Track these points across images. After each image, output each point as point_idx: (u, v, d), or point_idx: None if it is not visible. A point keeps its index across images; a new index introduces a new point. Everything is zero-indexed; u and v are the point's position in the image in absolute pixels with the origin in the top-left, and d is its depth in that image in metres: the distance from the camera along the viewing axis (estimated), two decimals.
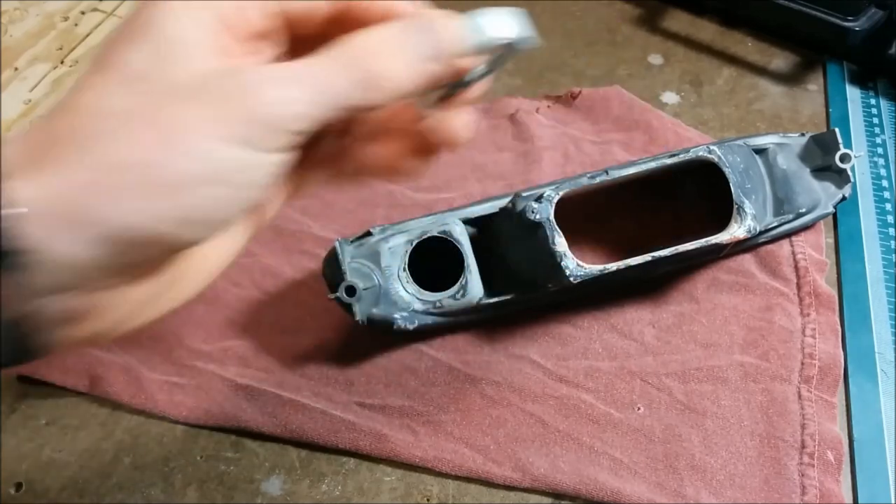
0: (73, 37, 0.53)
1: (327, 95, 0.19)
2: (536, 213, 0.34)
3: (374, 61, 0.20)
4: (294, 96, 0.18)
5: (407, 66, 0.20)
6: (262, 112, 0.18)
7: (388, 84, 0.20)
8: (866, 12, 0.46)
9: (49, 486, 0.35)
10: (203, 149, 0.18)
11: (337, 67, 0.19)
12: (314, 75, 0.19)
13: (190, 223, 0.18)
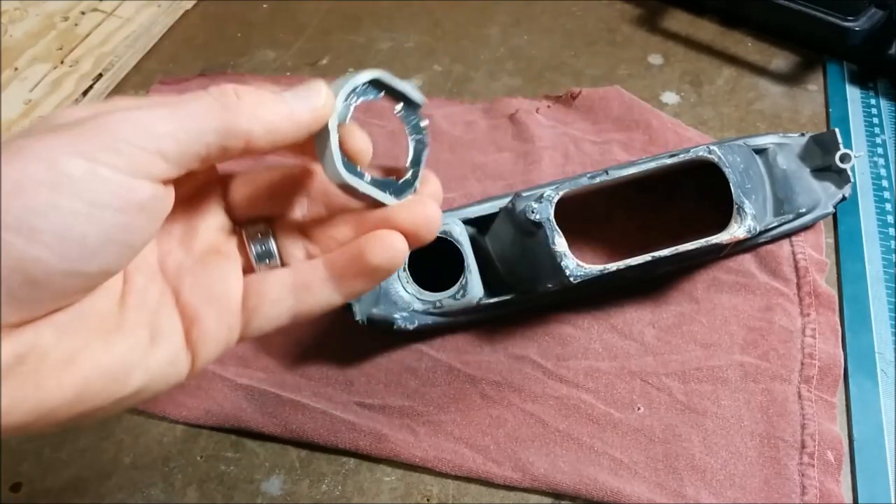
0: (73, 37, 0.53)
1: (185, 115, 0.19)
2: (536, 213, 0.34)
3: (240, 94, 0.20)
4: (150, 116, 0.19)
5: (271, 100, 0.21)
6: (115, 129, 0.18)
7: (252, 115, 0.20)
8: (866, 12, 0.46)
9: (49, 486, 0.35)
10: (45, 157, 0.17)
11: (204, 96, 0.20)
12: (179, 102, 0.19)
13: (36, 233, 0.17)
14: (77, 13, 0.55)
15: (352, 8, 0.57)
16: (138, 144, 0.18)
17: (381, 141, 0.47)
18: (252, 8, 0.58)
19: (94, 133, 0.18)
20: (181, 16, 0.57)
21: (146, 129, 0.18)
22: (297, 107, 0.22)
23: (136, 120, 0.18)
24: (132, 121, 0.18)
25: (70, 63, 0.51)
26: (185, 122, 0.19)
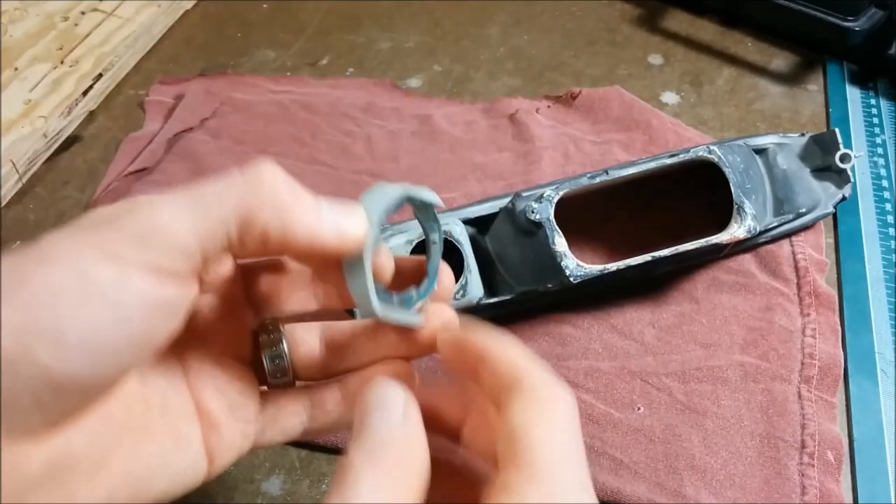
0: (73, 37, 0.53)
1: (211, 203, 0.18)
2: (536, 213, 0.34)
3: (273, 179, 0.19)
4: (173, 209, 0.18)
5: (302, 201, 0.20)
6: (140, 225, 0.17)
7: (275, 209, 0.19)
8: (866, 12, 0.46)
9: None
10: (73, 260, 0.16)
11: (234, 174, 0.19)
12: (204, 185, 0.18)
13: (63, 343, 0.16)
14: (77, 13, 0.55)
15: (352, 8, 0.57)
16: (160, 241, 0.17)
17: (381, 141, 0.47)
18: (252, 8, 0.58)
19: (118, 231, 0.17)
20: (181, 16, 0.57)
21: (167, 224, 0.18)
22: (329, 223, 0.20)
23: (157, 215, 0.18)
24: (154, 217, 0.17)
25: (70, 63, 0.51)
26: (205, 210, 0.18)
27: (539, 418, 0.19)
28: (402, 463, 0.19)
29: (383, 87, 0.51)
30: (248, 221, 0.19)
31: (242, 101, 0.50)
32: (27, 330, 0.16)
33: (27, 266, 0.16)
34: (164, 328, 0.18)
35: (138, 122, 0.50)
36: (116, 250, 0.17)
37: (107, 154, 0.48)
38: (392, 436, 0.19)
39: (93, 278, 0.16)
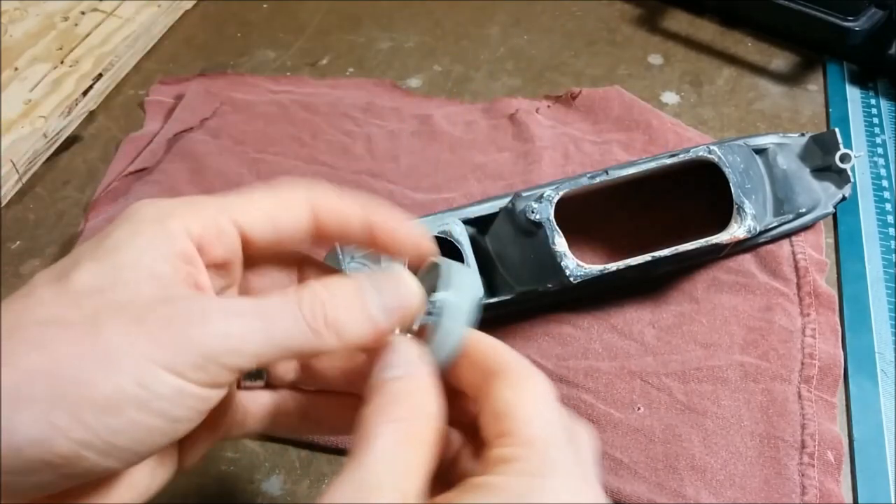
0: (73, 37, 0.53)
1: (275, 335, 0.19)
2: (536, 213, 0.34)
3: (329, 308, 0.20)
4: (240, 332, 0.18)
5: (360, 319, 0.20)
6: (205, 343, 0.18)
7: (338, 333, 0.19)
8: (866, 12, 0.46)
9: None
10: (138, 372, 0.17)
11: (289, 308, 0.19)
12: (265, 313, 0.19)
13: (109, 448, 0.17)
14: (77, 13, 0.55)
15: (352, 8, 0.57)
16: (225, 364, 0.18)
17: (381, 141, 0.47)
18: (252, 8, 0.58)
19: (180, 342, 0.17)
20: (181, 16, 0.57)
21: (236, 348, 0.18)
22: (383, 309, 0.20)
23: (224, 335, 0.18)
24: (220, 335, 0.18)
25: (70, 63, 0.51)
26: (271, 343, 0.19)
27: (526, 396, 0.20)
28: (417, 412, 0.19)
29: (383, 87, 0.51)
30: (309, 353, 0.20)
31: (242, 101, 0.50)
32: (83, 437, 0.16)
33: (85, 363, 0.17)
34: (182, 428, 0.19)
35: (138, 122, 0.50)
36: (179, 366, 0.17)
37: (107, 154, 0.48)
38: (406, 386, 0.20)
39: (157, 392, 0.17)
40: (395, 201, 0.44)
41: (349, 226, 0.23)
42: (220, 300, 0.20)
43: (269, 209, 0.22)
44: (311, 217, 0.22)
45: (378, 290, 0.21)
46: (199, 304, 0.18)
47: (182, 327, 0.18)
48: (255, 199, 0.22)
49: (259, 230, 0.22)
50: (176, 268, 0.19)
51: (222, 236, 0.21)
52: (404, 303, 0.21)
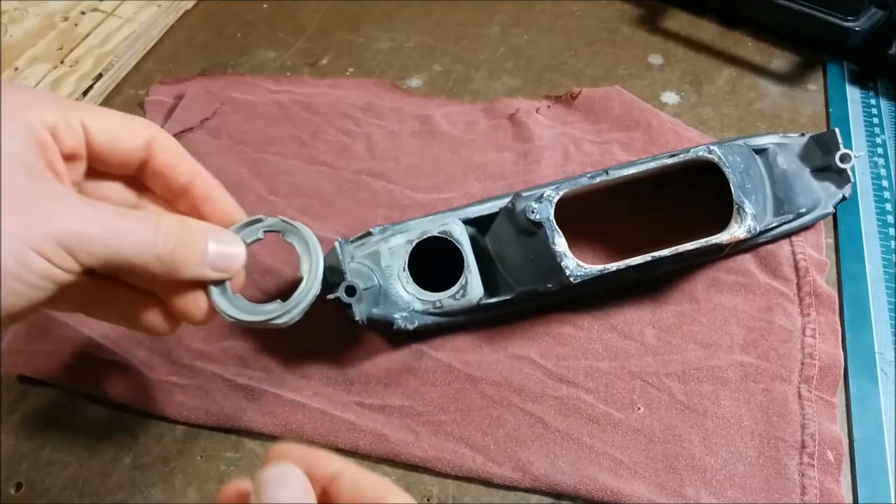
0: (73, 37, 0.53)
1: (126, 248, 0.24)
2: (536, 213, 0.34)
3: (178, 244, 0.25)
4: (98, 235, 0.23)
5: (199, 262, 0.26)
6: (67, 238, 0.22)
7: (176, 267, 0.25)
8: (866, 12, 0.46)
9: (49, 486, 0.35)
10: (18, 253, 0.22)
11: (147, 231, 0.25)
12: (124, 227, 0.24)
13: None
14: (77, 13, 0.55)
15: (352, 8, 0.57)
16: (78, 258, 0.23)
17: (381, 141, 0.47)
18: (252, 8, 0.58)
19: (49, 233, 0.22)
20: (181, 16, 0.57)
21: (89, 249, 0.23)
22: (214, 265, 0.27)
23: (83, 235, 0.23)
24: (80, 235, 0.23)
25: (70, 63, 0.51)
26: (120, 253, 0.24)
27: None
28: None
29: (383, 86, 0.51)
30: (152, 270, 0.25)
31: (242, 101, 0.50)
32: None
33: None
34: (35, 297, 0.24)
35: None
36: (46, 251, 0.22)
37: None
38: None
39: (27, 268, 0.22)
40: (395, 201, 0.44)
41: (174, 171, 0.28)
42: (87, 202, 0.24)
43: (113, 125, 0.26)
44: (145, 150, 0.27)
45: (217, 242, 0.27)
46: (68, 202, 0.23)
47: (52, 221, 0.22)
48: (103, 112, 0.26)
49: (98, 137, 0.26)
50: (39, 155, 0.23)
51: (71, 130, 0.25)
52: (233, 261, 0.28)
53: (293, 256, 0.29)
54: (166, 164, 0.27)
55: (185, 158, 0.28)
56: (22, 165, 0.23)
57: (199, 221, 0.27)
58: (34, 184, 0.23)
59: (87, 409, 0.37)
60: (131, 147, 0.27)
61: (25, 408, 0.37)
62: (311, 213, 0.43)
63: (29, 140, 0.23)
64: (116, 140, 0.26)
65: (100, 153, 0.26)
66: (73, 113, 0.25)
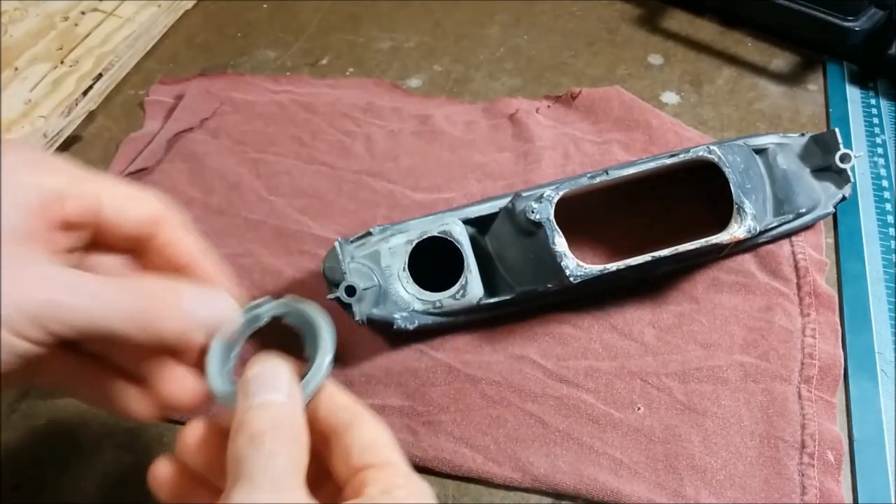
0: (73, 37, 0.53)
1: (99, 317, 0.22)
2: (536, 213, 0.34)
3: (153, 310, 0.23)
4: (70, 305, 0.21)
5: (179, 326, 0.23)
6: (38, 309, 0.21)
7: (155, 335, 0.23)
8: (866, 12, 0.46)
9: (49, 487, 0.35)
10: None
11: (122, 298, 0.22)
12: (97, 293, 0.22)
13: None
14: (77, 13, 0.55)
15: (352, 8, 0.57)
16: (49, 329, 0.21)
17: (381, 141, 0.47)
18: (252, 8, 0.58)
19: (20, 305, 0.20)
20: (181, 16, 0.57)
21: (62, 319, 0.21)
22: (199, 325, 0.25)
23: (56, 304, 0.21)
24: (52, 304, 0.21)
25: (70, 63, 0.51)
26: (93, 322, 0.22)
27: (380, 430, 0.24)
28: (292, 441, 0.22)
29: (383, 87, 0.51)
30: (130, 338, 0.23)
31: (242, 101, 0.50)
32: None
33: None
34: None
35: (138, 122, 0.50)
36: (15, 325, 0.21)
37: (107, 154, 0.48)
38: (281, 414, 0.22)
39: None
40: (395, 201, 0.44)
41: (176, 253, 0.26)
42: (62, 271, 0.22)
43: (123, 197, 0.25)
44: (152, 225, 0.25)
45: (196, 295, 0.24)
46: (43, 269, 0.22)
47: (23, 292, 0.21)
48: (115, 184, 0.25)
49: (106, 209, 0.24)
50: (27, 220, 0.22)
51: (80, 198, 0.24)
52: (216, 314, 0.25)
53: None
54: (170, 242, 0.26)
55: (190, 239, 0.26)
56: (9, 235, 0.21)
57: (177, 280, 0.25)
58: (10, 249, 0.21)
59: (87, 409, 0.37)
60: (138, 221, 0.25)
61: (25, 408, 0.37)
62: (311, 213, 0.43)
63: (21, 204, 0.22)
64: (123, 213, 0.25)
65: (106, 224, 0.25)
66: (86, 182, 0.24)
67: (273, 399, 0.22)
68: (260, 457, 0.21)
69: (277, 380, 0.23)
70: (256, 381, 0.23)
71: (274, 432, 0.21)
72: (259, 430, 0.21)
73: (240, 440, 0.21)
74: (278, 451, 0.21)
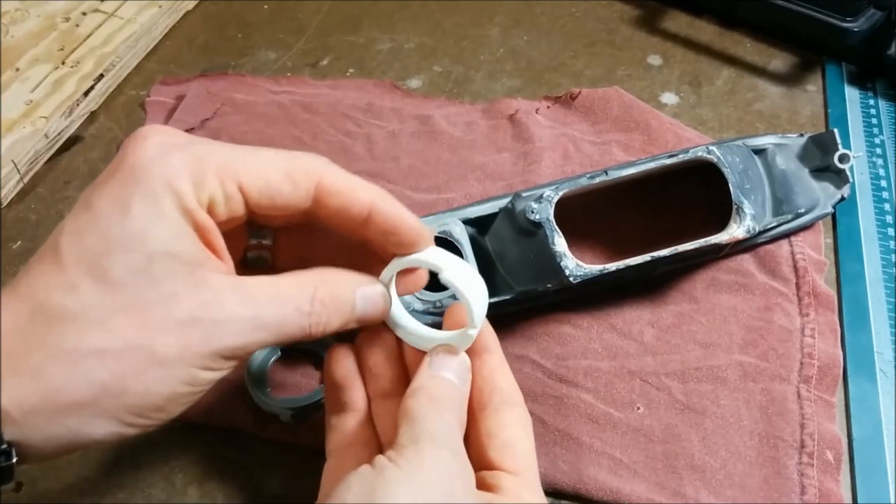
0: (75, 38, 0.53)
1: (278, 333, 0.23)
2: (536, 213, 0.34)
3: (324, 316, 0.24)
4: (250, 336, 0.22)
5: (345, 321, 0.25)
6: (225, 346, 0.22)
7: (324, 331, 0.24)
8: (865, 13, 0.46)
9: (49, 486, 0.35)
10: (184, 376, 0.21)
11: (294, 310, 0.23)
12: (273, 317, 0.23)
13: (146, 425, 0.22)
14: (78, 14, 0.55)
15: (352, 9, 0.57)
16: (236, 356, 0.23)
17: (381, 141, 0.47)
18: (253, 9, 0.58)
19: (208, 344, 0.21)
20: (182, 17, 0.57)
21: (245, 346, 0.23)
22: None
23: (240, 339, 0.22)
24: (239, 341, 0.22)
25: (71, 64, 0.51)
26: (273, 338, 0.23)
27: (526, 432, 0.26)
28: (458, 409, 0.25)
29: (383, 87, 0.51)
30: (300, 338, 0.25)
31: (243, 102, 0.50)
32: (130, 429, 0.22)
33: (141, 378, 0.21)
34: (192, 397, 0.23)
35: (139, 123, 0.50)
36: (208, 363, 0.22)
37: (108, 154, 0.48)
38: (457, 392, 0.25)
39: (195, 387, 0.22)
40: None
41: (348, 213, 0.24)
42: (246, 294, 0.22)
43: (275, 180, 0.23)
44: (313, 197, 0.24)
45: (364, 300, 0.25)
46: (228, 306, 0.22)
47: (216, 338, 0.21)
48: (262, 166, 0.24)
49: (257, 198, 0.23)
50: (197, 242, 0.22)
51: (229, 200, 0.23)
52: (377, 315, 0.26)
53: None
54: (338, 208, 0.24)
55: (359, 193, 0.24)
56: (180, 263, 0.21)
57: (349, 278, 0.25)
58: (194, 288, 0.21)
59: None
60: (295, 202, 0.24)
61: None
62: None
63: (185, 228, 0.21)
64: (277, 198, 0.23)
65: (258, 213, 0.24)
66: (230, 175, 0.22)
67: (450, 378, 0.25)
68: (440, 418, 0.23)
69: (459, 367, 0.26)
70: (441, 359, 0.26)
71: (450, 403, 0.25)
72: (440, 396, 0.24)
73: (422, 398, 0.24)
74: (454, 421, 0.24)
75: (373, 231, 0.25)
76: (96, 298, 0.20)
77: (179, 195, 0.21)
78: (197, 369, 0.21)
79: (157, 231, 0.21)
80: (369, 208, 0.24)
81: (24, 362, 0.20)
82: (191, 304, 0.21)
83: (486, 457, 0.25)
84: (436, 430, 0.23)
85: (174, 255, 0.21)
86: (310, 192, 0.24)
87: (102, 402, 0.20)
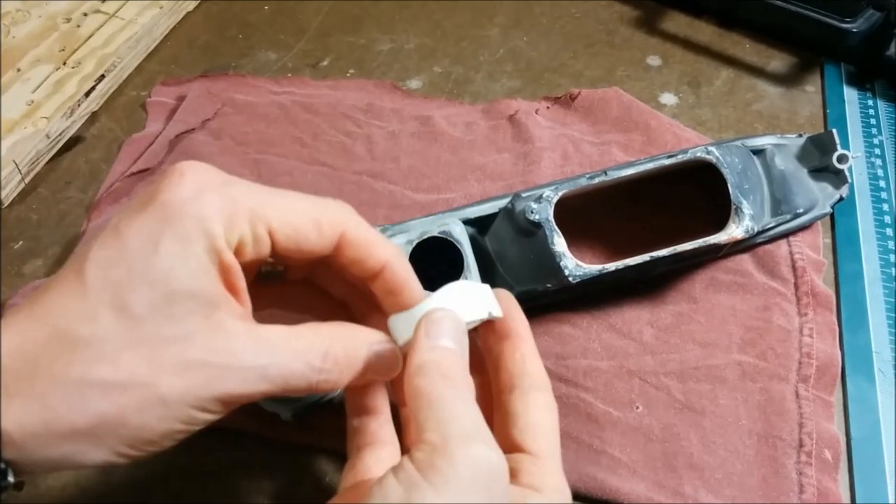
0: (76, 38, 0.53)
1: (285, 384, 0.23)
2: (536, 213, 0.34)
3: (335, 373, 0.24)
4: (254, 385, 0.22)
5: (355, 374, 0.24)
6: (230, 391, 0.22)
7: (334, 386, 0.24)
8: (864, 14, 0.47)
9: (49, 486, 0.35)
10: (183, 416, 0.22)
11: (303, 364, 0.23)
12: (281, 371, 0.22)
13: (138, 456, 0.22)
14: (79, 14, 0.55)
15: (352, 10, 0.58)
16: (240, 401, 0.23)
17: (381, 142, 0.47)
18: (253, 9, 0.58)
19: (213, 386, 0.22)
20: (183, 17, 0.58)
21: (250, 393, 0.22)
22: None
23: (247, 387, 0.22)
24: (246, 387, 0.22)
25: (72, 64, 0.51)
26: (279, 388, 0.23)
27: (551, 415, 0.26)
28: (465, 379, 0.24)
29: (384, 88, 0.51)
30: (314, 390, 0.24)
31: (244, 102, 0.50)
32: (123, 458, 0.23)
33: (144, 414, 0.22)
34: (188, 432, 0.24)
35: (140, 123, 0.50)
36: (210, 405, 0.22)
37: (109, 154, 0.48)
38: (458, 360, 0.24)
39: (192, 425, 0.23)
40: (396, 202, 0.44)
41: (363, 265, 0.25)
42: (259, 341, 0.22)
43: (304, 227, 0.24)
44: (335, 245, 0.24)
45: (378, 356, 0.25)
46: (239, 353, 0.22)
47: (214, 377, 0.21)
48: (294, 212, 0.24)
49: (283, 243, 0.23)
50: (217, 285, 0.22)
51: (258, 243, 0.23)
52: (389, 375, 0.26)
53: None
54: (355, 259, 0.25)
55: (377, 250, 0.25)
56: (199, 304, 0.21)
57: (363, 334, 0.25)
58: (209, 331, 0.21)
59: None
60: (319, 249, 0.24)
61: None
62: None
63: (210, 269, 0.22)
64: (304, 244, 0.24)
65: (281, 254, 0.24)
66: (262, 219, 0.23)
67: (450, 346, 0.24)
68: (458, 396, 0.22)
69: (455, 331, 0.24)
70: (436, 325, 0.24)
71: (459, 375, 0.23)
72: (450, 371, 0.23)
73: (434, 376, 0.23)
74: (469, 397, 0.23)
75: (377, 285, 0.26)
76: (113, 331, 0.20)
77: (211, 237, 0.21)
78: (196, 410, 0.22)
79: (183, 271, 0.21)
80: (383, 266, 0.25)
81: (30, 386, 0.20)
82: (203, 347, 0.21)
83: (509, 437, 0.25)
84: (460, 418, 0.21)
85: (195, 295, 0.21)
86: (333, 241, 0.24)
87: (99, 433, 0.21)
